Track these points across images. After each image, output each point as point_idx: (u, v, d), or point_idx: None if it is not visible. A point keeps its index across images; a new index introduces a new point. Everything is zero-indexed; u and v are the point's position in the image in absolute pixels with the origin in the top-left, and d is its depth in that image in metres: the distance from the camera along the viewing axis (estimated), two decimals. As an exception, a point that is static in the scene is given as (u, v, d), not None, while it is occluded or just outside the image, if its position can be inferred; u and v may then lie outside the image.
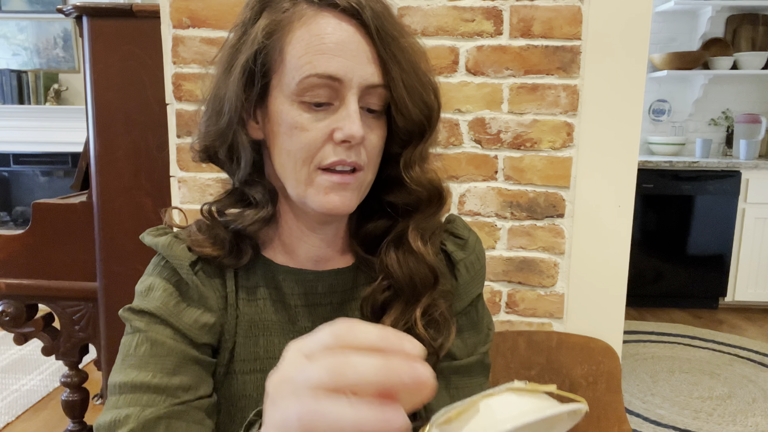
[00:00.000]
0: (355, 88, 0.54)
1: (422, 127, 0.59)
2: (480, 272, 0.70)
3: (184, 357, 0.57)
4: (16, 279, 1.59)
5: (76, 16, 1.45)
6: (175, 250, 0.61)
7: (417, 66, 0.58)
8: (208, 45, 1.27)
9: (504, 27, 1.22)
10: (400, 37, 0.56)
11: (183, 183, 1.31)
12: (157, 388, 0.54)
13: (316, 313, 0.64)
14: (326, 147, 0.55)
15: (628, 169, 1.24)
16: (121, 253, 1.50)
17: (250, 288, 0.64)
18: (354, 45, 0.54)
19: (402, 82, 0.56)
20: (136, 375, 0.55)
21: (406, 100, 0.56)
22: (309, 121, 0.55)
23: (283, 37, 0.55)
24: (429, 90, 0.59)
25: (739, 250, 3.47)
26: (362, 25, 0.54)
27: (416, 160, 0.60)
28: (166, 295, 0.60)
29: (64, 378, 1.74)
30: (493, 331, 0.72)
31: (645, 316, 3.43)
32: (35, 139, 4.09)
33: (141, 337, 0.57)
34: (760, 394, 2.48)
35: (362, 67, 0.54)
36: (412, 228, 0.62)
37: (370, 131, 0.57)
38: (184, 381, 0.56)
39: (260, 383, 0.62)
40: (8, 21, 4.07)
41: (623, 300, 1.28)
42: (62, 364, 1.72)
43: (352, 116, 0.53)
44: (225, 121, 0.59)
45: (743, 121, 3.72)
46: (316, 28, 0.54)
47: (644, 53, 1.20)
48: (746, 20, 3.82)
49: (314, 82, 0.53)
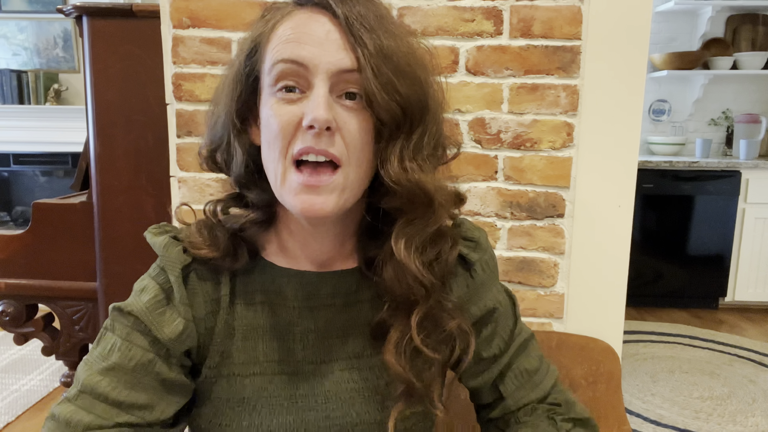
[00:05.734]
0: (322, 73, 0.54)
1: (397, 119, 0.55)
2: (495, 268, 0.71)
3: (152, 374, 0.59)
4: (16, 279, 1.59)
5: (76, 16, 1.45)
6: (170, 252, 0.61)
7: (393, 54, 0.54)
8: (208, 45, 1.27)
9: (504, 27, 1.22)
10: (378, 29, 0.55)
11: (183, 183, 1.31)
12: (114, 402, 0.57)
13: (318, 316, 0.64)
14: (297, 135, 0.55)
15: (628, 169, 1.24)
16: (121, 253, 1.50)
17: (248, 292, 0.64)
18: (323, 33, 0.54)
19: (371, 68, 0.53)
20: (99, 381, 0.57)
21: (373, 88, 0.53)
22: (282, 110, 0.55)
23: (266, 38, 0.57)
24: (407, 80, 0.55)
25: (739, 250, 3.47)
26: (335, 16, 0.54)
27: (396, 155, 0.55)
28: (155, 302, 0.60)
29: (64, 378, 1.74)
30: (518, 304, 0.73)
31: (645, 316, 3.43)
32: (35, 139, 4.09)
33: (119, 344, 0.59)
34: (760, 394, 2.48)
35: (331, 53, 0.54)
36: (395, 232, 0.58)
37: (348, 120, 0.54)
38: (141, 399, 0.58)
39: (259, 386, 0.62)
40: (8, 21, 4.07)
41: (623, 300, 1.28)
42: (62, 364, 1.72)
43: (317, 100, 0.53)
44: (220, 127, 0.61)
45: (743, 121, 3.72)
46: (289, 23, 0.56)
47: (644, 53, 1.20)
48: (746, 20, 3.82)
49: (282, 68, 0.54)
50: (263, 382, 0.62)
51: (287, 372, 0.62)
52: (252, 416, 0.61)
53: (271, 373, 0.62)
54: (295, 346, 0.63)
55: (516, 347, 0.70)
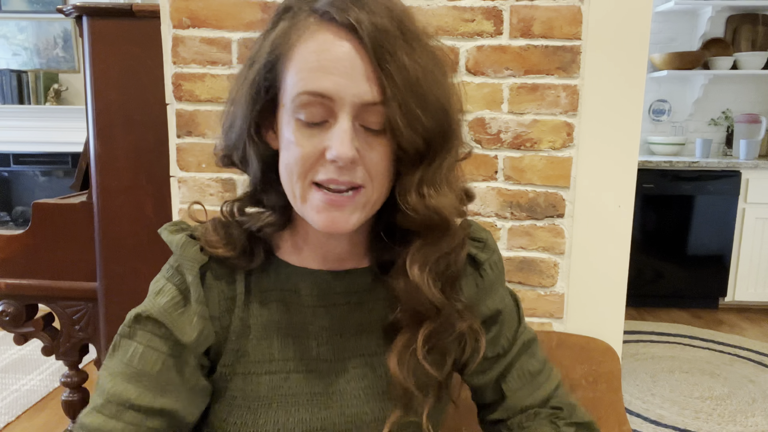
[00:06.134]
0: (347, 106, 0.53)
1: (419, 150, 0.55)
2: (502, 268, 0.72)
3: (176, 378, 0.59)
4: (16, 279, 1.59)
5: (76, 16, 1.45)
6: (187, 251, 0.61)
7: (420, 86, 0.54)
8: (208, 45, 1.27)
9: (504, 27, 1.22)
10: (405, 55, 0.53)
11: (183, 183, 1.31)
12: (142, 408, 0.57)
13: (332, 313, 0.65)
14: (318, 164, 0.55)
15: (628, 169, 1.24)
16: (121, 253, 1.49)
17: (263, 290, 0.64)
18: (348, 62, 0.52)
19: (397, 102, 0.52)
20: (125, 388, 0.57)
21: (399, 122, 0.53)
22: (303, 137, 0.54)
23: (286, 54, 0.55)
24: (432, 114, 0.55)
25: (739, 250, 3.47)
26: (361, 41, 0.52)
27: (414, 184, 0.56)
28: (173, 303, 0.60)
29: (64, 378, 1.73)
30: (521, 306, 0.74)
31: (645, 316, 3.43)
32: (35, 139, 4.09)
33: (140, 350, 0.59)
34: (760, 394, 2.48)
35: (356, 85, 0.52)
36: (411, 254, 0.59)
37: (370, 149, 0.55)
38: (167, 403, 0.58)
39: (275, 384, 0.62)
40: (8, 21, 4.07)
41: (623, 300, 1.28)
42: (62, 364, 1.72)
43: (342, 136, 0.52)
44: (236, 133, 0.60)
45: (743, 121, 3.72)
46: (313, 44, 0.53)
47: (644, 53, 1.20)
48: (746, 20, 3.82)
49: (306, 99, 0.53)
50: (278, 380, 0.62)
51: (302, 370, 0.63)
52: (267, 414, 0.61)
53: (286, 371, 0.63)
54: (310, 344, 0.64)
55: (520, 346, 0.71)
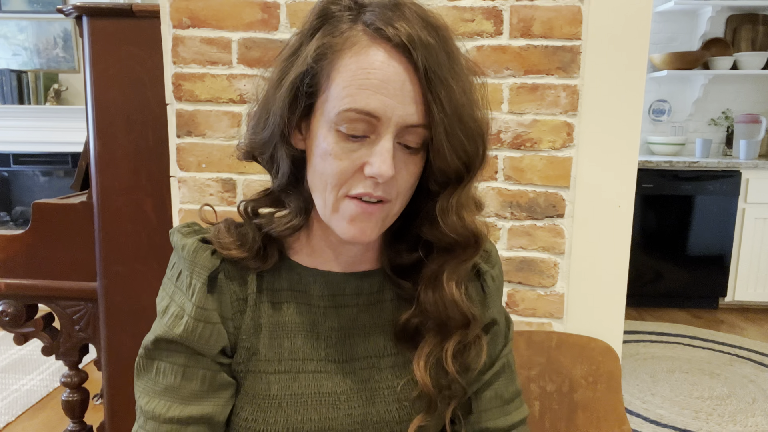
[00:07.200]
0: (392, 126, 0.54)
1: (459, 174, 0.58)
2: (501, 283, 0.73)
3: (203, 385, 0.61)
4: (16, 279, 1.59)
5: (76, 16, 1.44)
6: (199, 258, 0.62)
7: (464, 112, 0.55)
8: (208, 45, 1.27)
9: (504, 27, 1.22)
10: (451, 79, 0.54)
11: (183, 183, 1.31)
12: (179, 420, 0.60)
13: (342, 314, 0.66)
14: (355, 177, 0.56)
15: (628, 169, 1.24)
16: (121, 253, 1.49)
17: (275, 291, 0.65)
18: (399, 83, 0.53)
19: (444, 127, 0.54)
20: (157, 404, 0.60)
21: (444, 146, 0.55)
22: (343, 150, 0.55)
23: (332, 63, 0.55)
24: (473, 139, 0.57)
25: (739, 250, 3.47)
26: (412, 63, 0.53)
27: (453, 206, 0.59)
28: (189, 320, 0.61)
29: (64, 378, 1.73)
30: (512, 328, 0.75)
31: (645, 316, 3.43)
32: (35, 139, 4.09)
33: (163, 367, 0.61)
34: (760, 394, 2.48)
35: (403, 107, 0.53)
36: (447, 272, 0.62)
37: (404, 167, 0.56)
38: (200, 410, 0.60)
39: (284, 384, 0.63)
40: (8, 21, 4.07)
41: (623, 300, 1.28)
42: (62, 364, 1.71)
43: (384, 155, 0.53)
44: (268, 134, 0.60)
45: (743, 121, 3.72)
46: (364, 60, 0.53)
47: (644, 53, 1.20)
48: (746, 20, 3.82)
49: (352, 116, 0.53)
50: (288, 379, 0.63)
51: (311, 370, 0.64)
52: (277, 413, 0.62)
53: (295, 371, 0.64)
54: (319, 345, 0.65)
55: (500, 366, 0.71)
